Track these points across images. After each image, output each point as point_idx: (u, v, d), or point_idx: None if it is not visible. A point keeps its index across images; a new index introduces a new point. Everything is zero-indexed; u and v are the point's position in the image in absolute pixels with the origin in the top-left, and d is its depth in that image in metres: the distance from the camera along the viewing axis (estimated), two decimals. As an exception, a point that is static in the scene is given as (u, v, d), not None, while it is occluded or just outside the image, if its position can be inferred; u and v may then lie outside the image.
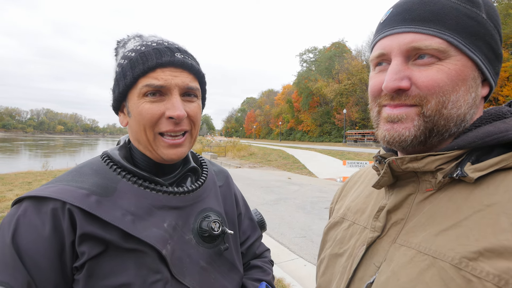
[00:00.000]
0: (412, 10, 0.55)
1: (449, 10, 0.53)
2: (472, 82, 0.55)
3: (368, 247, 0.62)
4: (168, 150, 0.73)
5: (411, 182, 0.60)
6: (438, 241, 0.51)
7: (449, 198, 0.54)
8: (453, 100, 0.53)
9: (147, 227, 0.68)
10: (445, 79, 0.52)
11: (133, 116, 0.73)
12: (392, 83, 0.54)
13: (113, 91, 0.76)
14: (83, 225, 0.64)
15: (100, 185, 0.69)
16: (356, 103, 43.80)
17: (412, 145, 0.56)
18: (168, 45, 0.74)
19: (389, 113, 0.57)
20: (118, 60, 0.76)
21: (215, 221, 0.78)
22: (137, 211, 0.69)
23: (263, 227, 1.06)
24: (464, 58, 0.53)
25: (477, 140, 0.53)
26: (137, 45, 0.74)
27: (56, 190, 0.66)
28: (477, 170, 0.51)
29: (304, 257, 4.45)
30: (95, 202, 0.66)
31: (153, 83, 0.69)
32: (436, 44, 0.52)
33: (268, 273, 0.94)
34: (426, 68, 0.53)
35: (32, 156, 35.36)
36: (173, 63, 0.71)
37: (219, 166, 1.01)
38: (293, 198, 8.49)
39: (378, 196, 0.70)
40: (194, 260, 0.74)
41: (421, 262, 0.51)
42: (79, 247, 0.63)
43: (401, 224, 0.59)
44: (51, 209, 0.63)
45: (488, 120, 0.56)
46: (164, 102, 0.71)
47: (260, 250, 1.00)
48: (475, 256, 0.45)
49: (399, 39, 0.55)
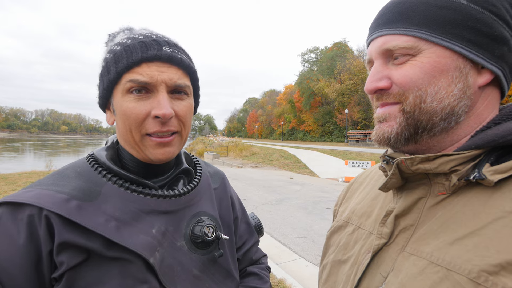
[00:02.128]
0: (384, 15, 0.57)
1: (417, 6, 0.53)
2: (456, 72, 0.51)
3: (374, 255, 0.57)
4: (156, 149, 0.68)
5: (422, 185, 0.56)
6: (452, 251, 0.46)
7: (464, 203, 0.49)
8: (431, 93, 0.52)
9: (133, 234, 0.63)
10: (418, 73, 0.52)
11: (118, 115, 0.68)
12: (369, 84, 0.57)
13: (98, 87, 0.72)
14: (62, 232, 0.59)
15: (82, 189, 0.64)
16: (358, 103, 43.73)
17: (397, 142, 0.56)
18: (156, 38, 0.69)
19: (378, 112, 0.59)
20: (105, 54, 0.71)
21: (209, 225, 0.73)
22: (123, 216, 0.64)
23: (260, 232, 1.01)
24: (440, 49, 0.51)
25: (498, 139, 0.48)
26: (124, 38, 0.69)
27: (33, 195, 0.61)
28: (497, 172, 0.46)
29: (306, 258, 4.41)
30: (75, 207, 0.61)
31: (137, 78, 0.64)
32: (403, 42, 0.53)
33: (265, 281, 0.89)
34: (401, 66, 0.55)
35: (43, 156, 35.62)
36: (159, 58, 0.65)
37: (215, 168, 0.96)
38: (295, 198, 8.45)
39: (386, 199, 0.65)
40: (186, 268, 0.69)
41: (434, 274, 0.46)
42: (57, 257, 0.59)
43: (411, 231, 0.54)
44: (27, 215, 0.59)
45: (508, 117, 0.51)
46: (150, 100, 0.65)
47: (257, 256, 0.95)
48: (496, 269, 0.41)
49: (375, 44, 0.58)
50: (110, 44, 0.72)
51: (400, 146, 0.57)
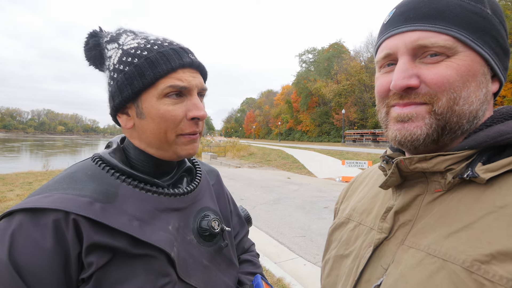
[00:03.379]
0: (417, 9, 0.54)
1: (454, 7, 0.53)
2: (482, 78, 0.54)
3: (375, 248, 0.61)
4: (188, 145, 0.74)
5: (419, 183, 0.59)
6: (448, 243, 0.49)
7: (459, 200, 0.53)
8: (464, 96, 0.52)
9: (154, 231, 0.67)
10: (454, 75, 0.52)
11: (149, 118, 0.69)
12: (401, 81, 0.53)
13: (118, 90, 0.70)
14: (91, 235, 0.60)
15: (100, 191, 0.66)
16: (355, 104, 43.88)
17: (424, 144, 0.55)
18: (181, 46, 0.74)
19: (399, 112, 0.56)
20: (118, 57, 0.70)
21: (215, 219, 0.79)
22: (142, 215, 0.67)
23: (249, 222, 1.10)
24: (473, 54, 0.53)
25: (489, 140, 0.52)
26: (143, 43, 0.71)
27: (55, 199, 0.61)
28: (489, 170, 0.50)
29: (304, 257, 4.44)
30: (100, 209, 0.62)
31: (178, 84, 0.68)
32: (443, 40, 0.52)
33: (258, 266, 0.98)
34: (435, 66, 0.53)
35: (40, 156, 35.31)
36: (191, 65, 0.72)
37: (209, 166, 1.02)
38: (292, 197, 8.48)
39: (385, 197, 0.69)
40: (197, 259, 0.74)
41: (431, 264, 0.50)
42: (86, 258, 0.60)
43: (409, 226, 0.58)
44: (53, 220, 0.59)
45: (499, 119, 0.55)
46: (184, 103, 0.71)
47: (248, 245, 1.04)
48: (487, 259, 0.44)
49: (404, 38, 0.54)
50: (114, 45, 0.72)
51: (424, 147, 0.56)
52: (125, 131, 0.76)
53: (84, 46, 0.75)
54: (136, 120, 0.72)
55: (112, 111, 0.74)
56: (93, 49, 0.75)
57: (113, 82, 0.71)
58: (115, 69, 0.70)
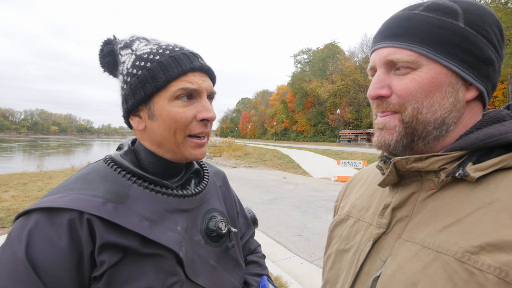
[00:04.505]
0: (391, 28, 0.62)
1: (421, 24, 0.58)
2: (449, 88, 0.58)
3: (374, 242, 0.65)
4: (195, 150, 0.76)
5: (415, 181, 0.63)
6: (441, 236, 0.53)
7: (451, 197, 0.57)
8: (426, 106, 0.58)
9: (163, 231, 0.69)
10: (417, 88, 0.58)
11: (160, 120, 0.72)
12: (373, 91, 0.61)
13: (131, 93, 0.73)
14: (103, 234, 0.62)
15: (113, 192, 0.68)
16: (350, 104, 44.12)
17: (396, 149, 0.62)
18: (191, 51, 0.77)
19: (378, 120, 0.64)
20: (131, 61, 0.74)
21: (222, 220, 0.80)
22: (152, 216, 0.69)
23: (256, 224, 1.11)
24: (437, 66, 0.57)
25: (478, 142, 0.56)
26: (155, 48, 0.74)
27: (70, 199, 0.63)
28: (478, 170, 0.54)
29: (300, 255, 4.48)
30: (112, 209, 0.65)
31: (188, 86, 0.71)
32: (406, 56, 0.58)
33: (264, 268, 0.99)
34: (402, 78, 0.59)
35: (34, 157, 34.79)
36: (201, 69, 0.75)
37: (215, 167, 1.03)
38: (288, 197, 8.53)
39: (382, 195, 0.73)
40: (204, 259, 0.76)
41: (426, 256, 0.53)
42: (98, 257, 0.62)
43: (406, 221, 0.62)
44: (68, 220, 0.61)
45: (488, 123, 0.60)
46: (194, 105, 0.73)
47: (254, 246, 1.05)
48: (477, 250, 0.48)
49: (379, 53, 0.62)
50: (128, 51, 0.75)
51: (398, 152, 0.62)
52: (137, 133, 0.79)
53: (99, 53, 0.78)
54: (147, 122, 0.74)
55: (125, 113, 0.77)
56: (107, 55, 0.78)
57: (126, 85, 0.74)
58: (129, 73, 0.73)
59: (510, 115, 0.61)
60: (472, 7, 0.59)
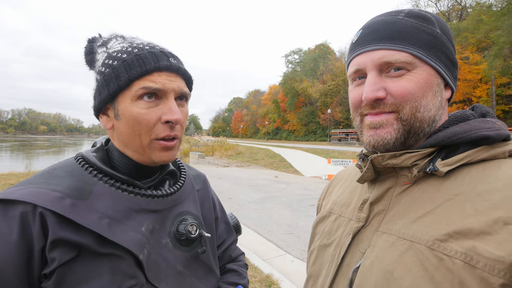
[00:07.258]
0: (380, 31, 0.63)
1: (410, 29, 0.62)
2: (437, 88, 0.63)
3: (353, 236, 0.68)
4: (162, 153, 0.72)
5: (390, 177, 0.67)
6: (414, 227, 0.58)
7: (423, 190, 0.61)
8: (424, 104, 0.62)
9: (124, 231, 0.66)
10: (415, 87, 0.61)
11: (124, 120, 0.69)
12: (371, 94, 0.62)
13: (98, 91, 0.72)
14: (56, 230, 0.59)
15: (75, 188, 0.66)
16: (340, 103, 44.61)
17: (394, 146, 0.63)
18: (162, 50, 0.73)
19: (372, 120, 0.65)
20: (102, 60, 0.72)
21: (192, 224, 0.77)
22: (114, 214, 0.66)
23: (239, 231, 1.07)
24: (428, 68, 0.62)
25: (446, 139, 0.61)
26: (126, 46, 0.72)
27: (27, 192, 0.61)
28: (446, 165, 0.59)
29: (292, 253, 4.53)
30: (69, 205, 0.62)
31: (151, 85, 0.68)
32: (403, 57, 0.60)
33: (243, 277, 0.94)
34: (398, 79, 0.61)
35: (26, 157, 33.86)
36: (169, 68, 0.71)
37: (197, 170, 1.00)
38: (280, 196, 8.57)
39: (362, 191, 0.76)
40: (171, 264, 0.72)
41: (401, 246, 0.57)
42: (49, 253, 0.59)
43: (383, 214, 0.66)
44: (20, 213, 0.59)
45: (455, 122, 0.64)
46: (159, 107, 0.69)
47: (236, 254, 1.00)
48: (445, 238, 0.53)
49: (371, 56, 0.63)
50: (103, 49, 0.74)
51: (394, 148, 0.64)
52: (108, 132, 0.77)
53: (84, 51, 0.77)
54: (114, 121, 0.72)
55: (94, 111, 0.76)
56: (89, 54, 0.77)
57: (96, 83, 0.73)
58: (99, 71, 0.72)
59: (474, 115, 0.66)
60: (438, 17, 0.66)
